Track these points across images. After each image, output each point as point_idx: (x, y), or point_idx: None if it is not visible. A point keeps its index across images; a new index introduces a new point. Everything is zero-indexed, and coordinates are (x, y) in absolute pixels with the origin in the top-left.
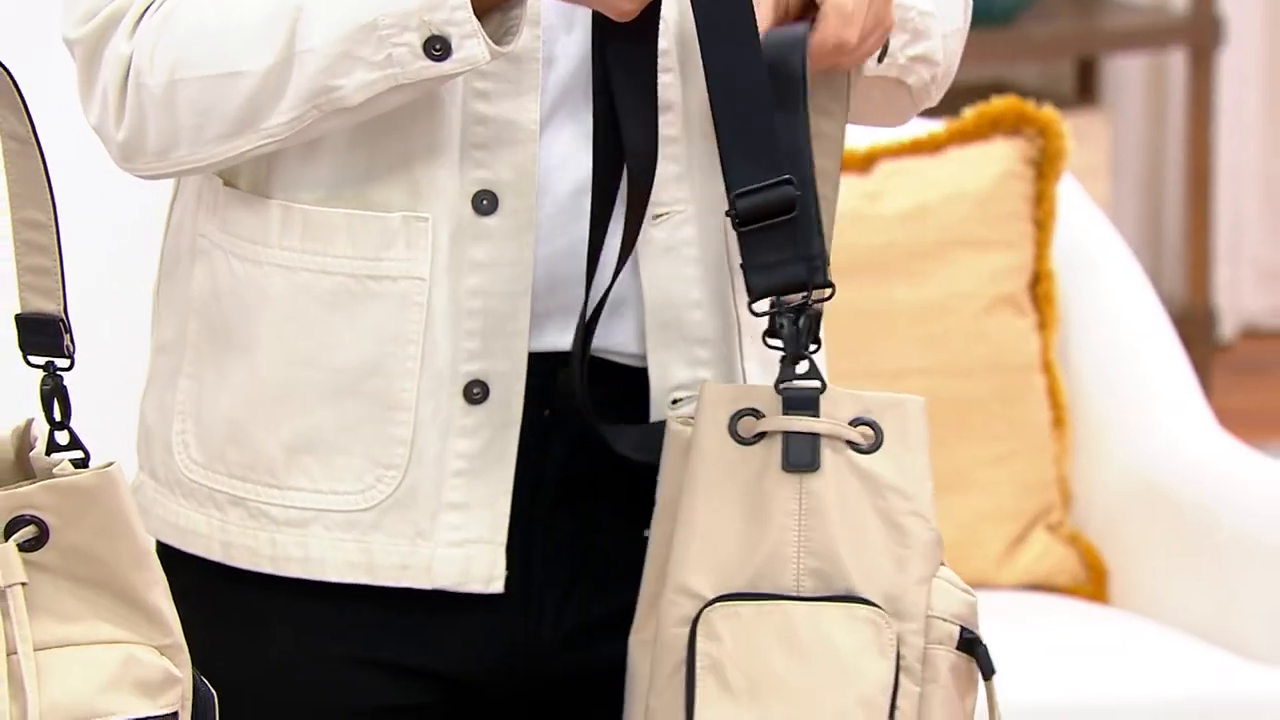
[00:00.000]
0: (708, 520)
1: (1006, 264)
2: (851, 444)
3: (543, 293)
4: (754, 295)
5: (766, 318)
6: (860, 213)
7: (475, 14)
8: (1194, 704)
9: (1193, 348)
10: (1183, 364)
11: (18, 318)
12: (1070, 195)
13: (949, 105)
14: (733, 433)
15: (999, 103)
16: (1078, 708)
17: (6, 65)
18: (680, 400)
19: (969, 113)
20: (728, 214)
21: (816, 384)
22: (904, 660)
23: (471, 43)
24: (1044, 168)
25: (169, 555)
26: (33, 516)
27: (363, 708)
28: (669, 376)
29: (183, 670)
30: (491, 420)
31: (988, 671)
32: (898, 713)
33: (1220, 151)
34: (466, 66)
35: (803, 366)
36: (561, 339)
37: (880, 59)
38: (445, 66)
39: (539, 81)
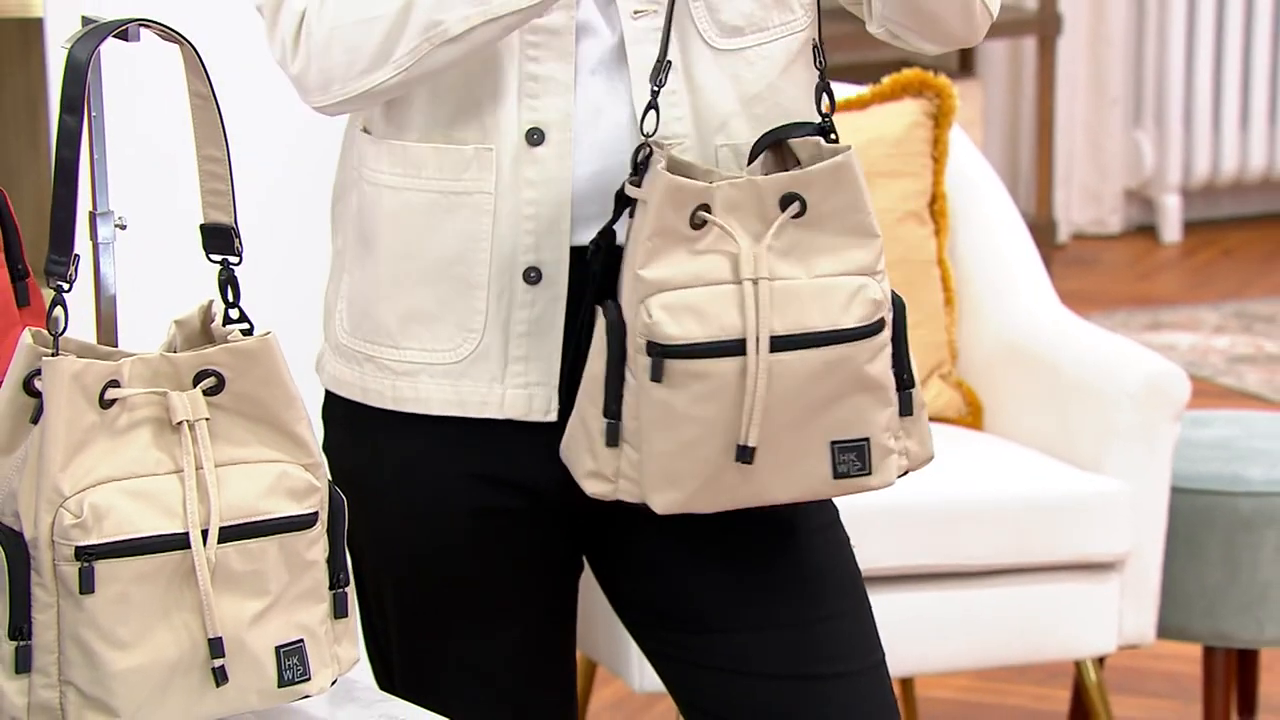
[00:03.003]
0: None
1: (913, 188)
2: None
3: (581, 202)
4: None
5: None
6: None
7: None
8: (1040, 500)
9: (1040, 247)
10: (1035, 258)
11: (202, 226)
12: (958, 140)
13: (872, 75)
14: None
15: (908, 73)
16: (959, 503)
17: (190, 39)
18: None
19: (886, 80)
20: None
21: None
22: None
23: None
24: (939, 120)
25: (331, 397)
26: (213, 370)
27: (461, 508)
28: None
29: (321, 482)
30: (544, 296)
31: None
32: None
33: (1058, 110)
34: (537, 7)
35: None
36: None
37: None
38: (524, 5)
39: (573, 49)
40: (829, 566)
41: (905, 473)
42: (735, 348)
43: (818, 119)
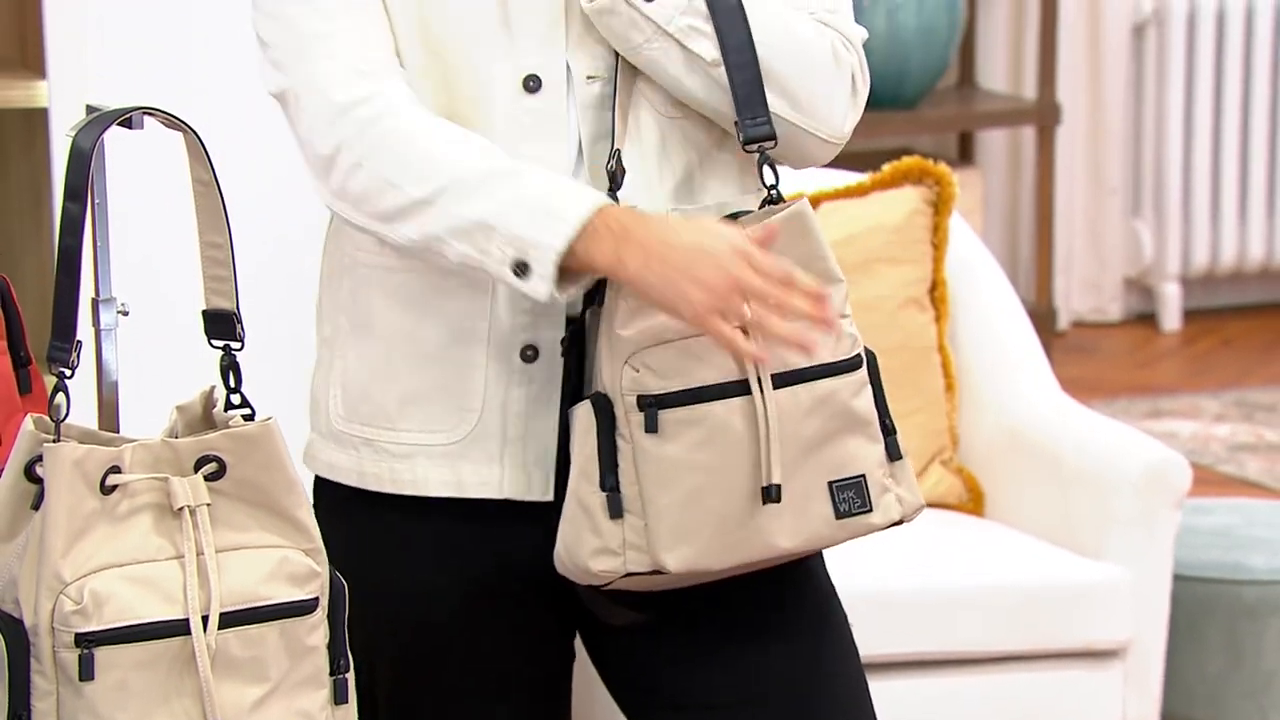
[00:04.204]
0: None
1: (913, 275)
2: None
3: None
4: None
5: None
6: None
7: (558, 265)
8: (1042, 587)
9: (1040, 335)
10: (1035, 345)
11: (204, 312)
12: (958, 227)
13: (872, 162)
14: None
15: (908, 161)
16: (960, 590)
17: (193, 127)
18: None
19: (886, 168)
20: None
21: None
22: None
23: (541, 284)
24: (939, 208)
25: (324, 485)
26: (214, 456)
27: (454, 588)
28: None
29: (322, 567)
30: (541, 374)
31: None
32: None
33: (1057, 199)
34: (530, 292)
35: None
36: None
37: None
38: (515, 282)
39: (565, 131)
40: (823, 645)
41: (900, 521)
42: (727, 390)
43: (763, 190)
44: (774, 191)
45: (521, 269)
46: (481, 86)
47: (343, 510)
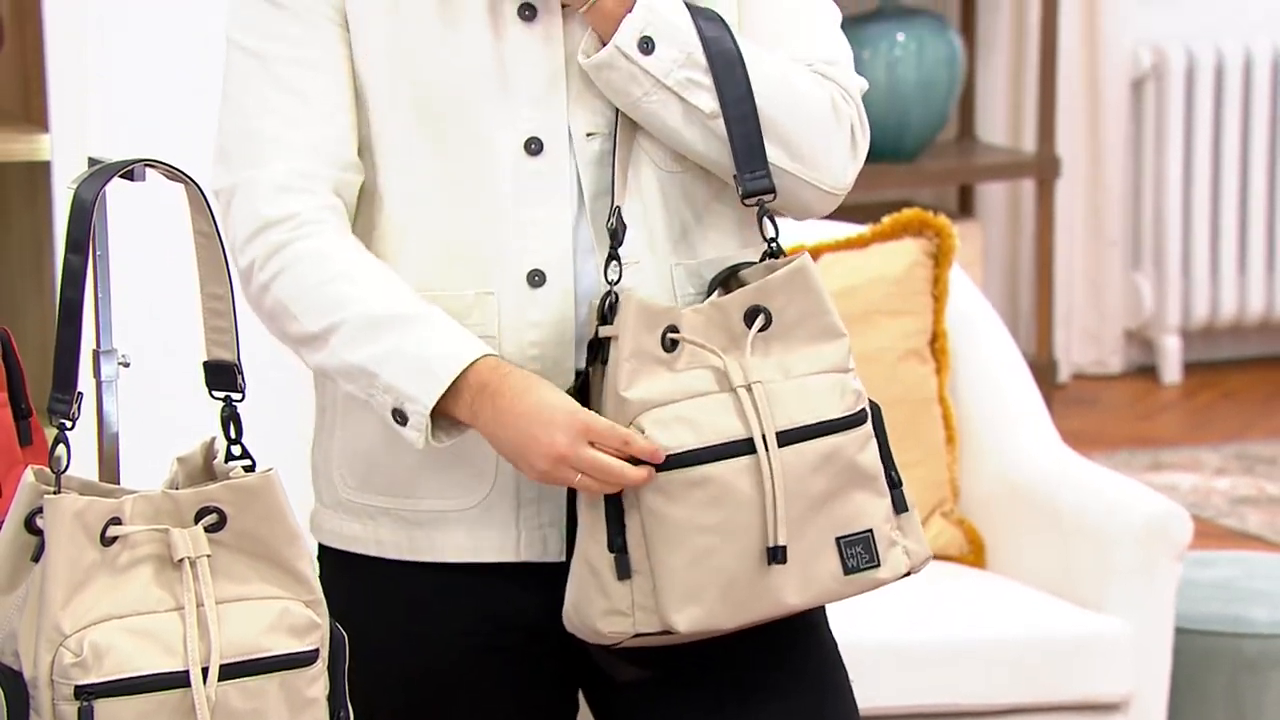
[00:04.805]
0: None
1: (913, 327)
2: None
3: (584, 340)
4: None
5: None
6: None
7: (434, 413)
8: (1043, 640)
9: (1040, 387)
10: (1036, 398)
11: (204, 364)
12: (958, 279)
13: (872, 214)
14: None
15: (908, 213)
16: (961, 642)
17: (195, 179)
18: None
19: (886, 220)
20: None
21: None
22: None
23: (416, 434)
24: (939, 260)
25: (333, 555)
26: (215, 507)
27: (460, 645)
28: None
29: (322, 619)
30: None
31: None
32: None
33: (1057, 251)
34: (408, 439)
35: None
36: None
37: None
38: (396, 428)
39: (568, 190)
40: (824, 705)
41: (909, 573)
42: (732, 449)
43: (763, 243)
44: (774, 244)
45: (400, 416)
46: (482, 152)
47: (348, 566)
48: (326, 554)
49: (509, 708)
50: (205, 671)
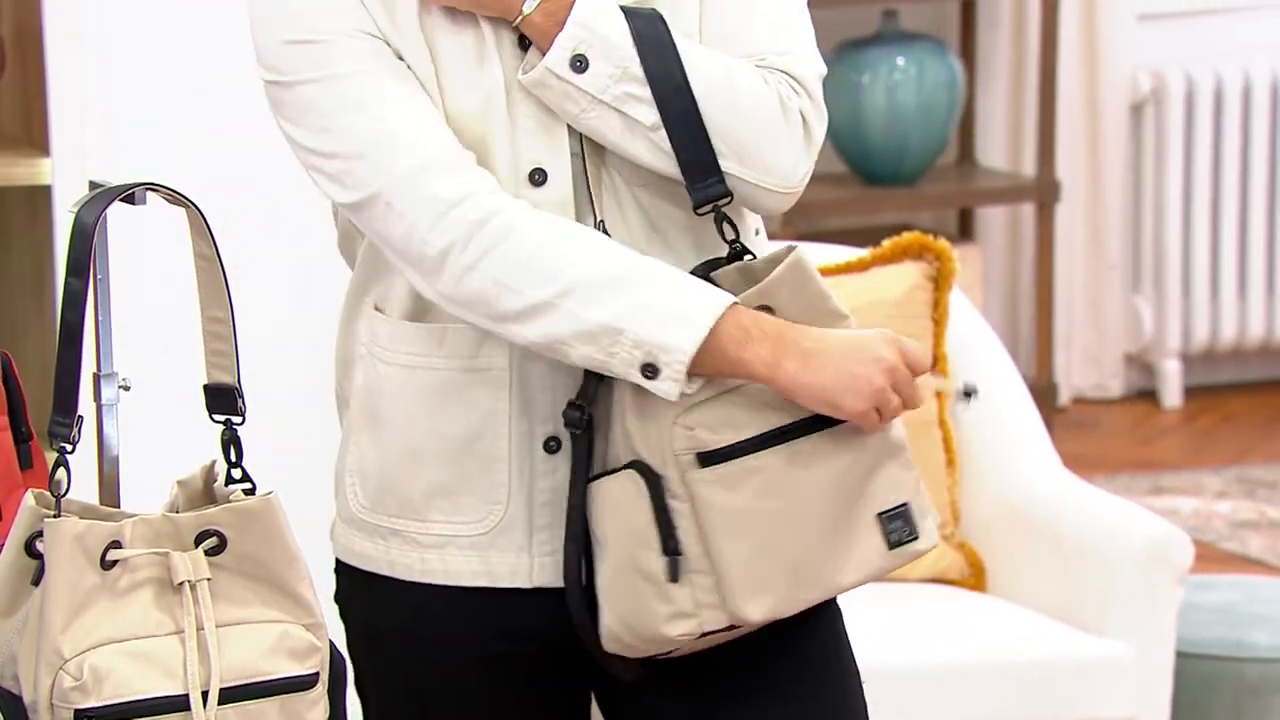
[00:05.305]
0: None
1: None
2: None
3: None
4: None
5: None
6: None
7: (687, 369)
8: (1045, 663)
9: (1041, 410)
10: (1036, 421)
11: (205, 387)
12: (958, 303)
13: (872, 238)
14: None
15: (908, 237)
16: (961, 665)
17: (195, 202)
18: None
19: (886, 244)
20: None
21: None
22: None
23: (670, 384)
24: (940, 283)
25: (347, 570)
26: (215, 530)
27: (473, 657)
28: None
29: (322, 642)
30: (565, 463)
31: None
32: None
33: (1057, 275)
34: (658, 391)
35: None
36: None
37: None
38: (643, 382)
39: (572, 213)
40: (820, 707)
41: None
42: (780, 436)
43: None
44: (736, 245)
45: (650, 370)
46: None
47: (365, 582)
48: (342, 566)
49: (520, 715)
50: (205, 695)
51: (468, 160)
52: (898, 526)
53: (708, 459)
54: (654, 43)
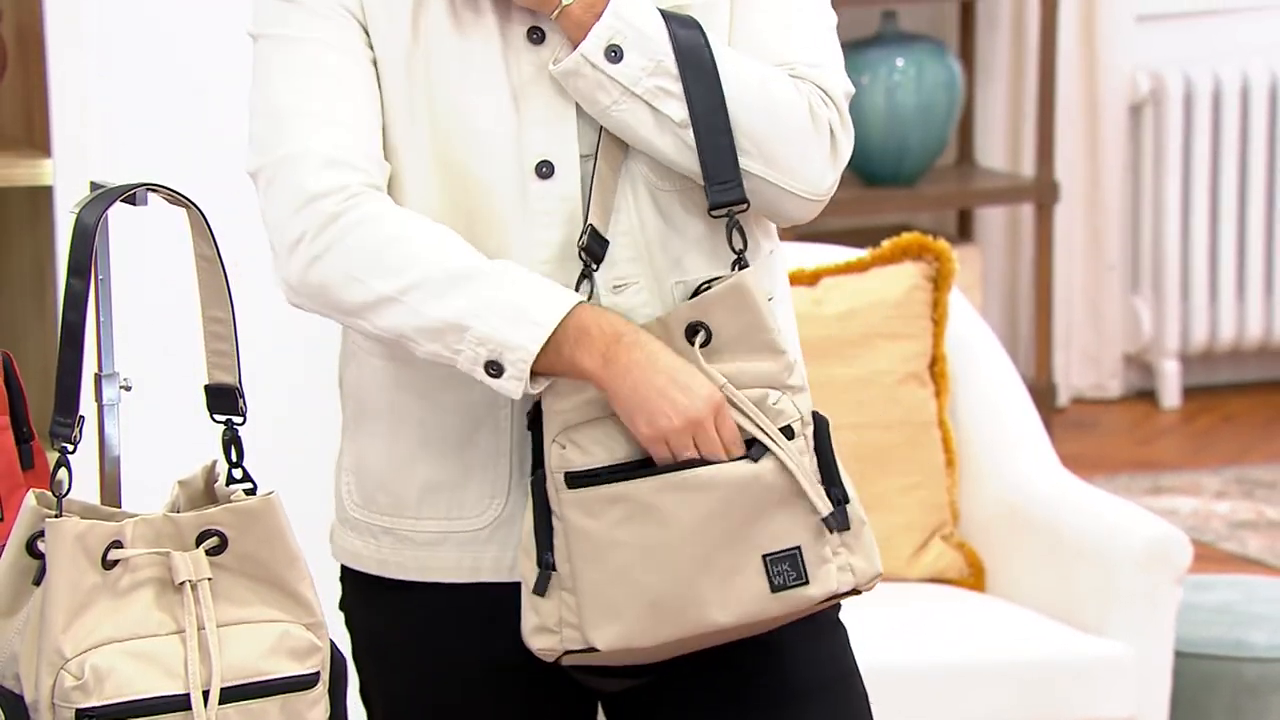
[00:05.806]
0: None
1: (913, 350)
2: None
3: None
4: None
5: None
6: (808, 314)
7: (531, 369)
8: (1044, 663)
9: (1040, 411)
10: (1035, 421)
11: (206, 387)
12: (957, 303)
13: (872, 239)
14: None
15: (907, 237)
16: (960, 665)
17: (196, 203)
18: None
19: (886, 244)
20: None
21: None
22: None
23: (513, 384)
24: (939, 283)
25: (350, 575)
26: (216, 530)
27: (476, 663)
28: None
29: (323, 642)
30: None
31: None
32: None
33: (1056, 275)
34: (502, 390)
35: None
36: None
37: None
38: (486, 380)
39: (578, 214)
40: (835, 706)
41: (855, 591)
42: (650, 466)
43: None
44: (742, 256)
45: (494, 368)
46: (493, 173)
47: (366, 588)
48: (345, 572)
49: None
50: (206, 695)
51: (361, 155)
52: (784, 570)
53: (573, 480)
54: (688, 41)
